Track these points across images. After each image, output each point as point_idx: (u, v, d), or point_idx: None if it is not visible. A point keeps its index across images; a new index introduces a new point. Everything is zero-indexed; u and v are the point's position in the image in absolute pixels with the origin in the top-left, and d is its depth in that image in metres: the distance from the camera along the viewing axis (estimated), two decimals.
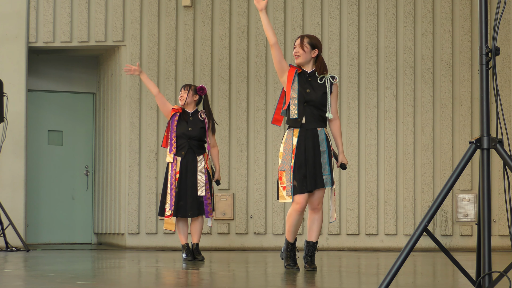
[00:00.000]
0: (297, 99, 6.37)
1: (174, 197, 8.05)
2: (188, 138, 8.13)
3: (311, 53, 6.46)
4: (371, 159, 10.87)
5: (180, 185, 8.08)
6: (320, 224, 6.47)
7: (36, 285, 5.09)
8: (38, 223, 12.08)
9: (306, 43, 6.44)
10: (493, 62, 3.88)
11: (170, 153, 8.14)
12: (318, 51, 6.47)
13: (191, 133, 8.13)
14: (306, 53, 6.44)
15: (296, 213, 6.35)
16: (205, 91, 8.27)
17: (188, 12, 11.19)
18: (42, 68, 12.32)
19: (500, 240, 10.60)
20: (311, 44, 6.45)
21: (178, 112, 8.20)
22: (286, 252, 6.57)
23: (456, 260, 3.94)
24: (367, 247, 10.79)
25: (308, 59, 6.46)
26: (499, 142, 3.87)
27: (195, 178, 8.10)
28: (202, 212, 8.11)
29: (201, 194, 8.08)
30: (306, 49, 6.43)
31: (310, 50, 6.45)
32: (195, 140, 8.15)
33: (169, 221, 8.10)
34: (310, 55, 6.46)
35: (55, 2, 11.32)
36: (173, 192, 8.07)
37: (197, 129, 8.15)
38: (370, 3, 10.98)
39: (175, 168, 8.11)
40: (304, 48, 6.43)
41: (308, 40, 6.46)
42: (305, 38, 6.47)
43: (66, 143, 12.41)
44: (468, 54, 10.86)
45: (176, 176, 8.08)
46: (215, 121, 8.36)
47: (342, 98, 10.95)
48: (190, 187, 8.10)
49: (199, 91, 8.25)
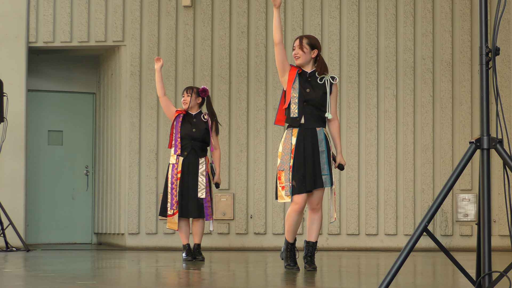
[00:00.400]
0: (298, 98, 6.38)
1: (175, 197, 8.06)
2: (192, 139, 8.14)
3: (310, 53, 6.46)
4: (371, 159, 10.87)
5: (182, 185, 8.09)
6: (320, 224, 6.48)
7: (36, 285, 5.09)
8: (38, 223, 12.09)
9: (305, 44, 6.45)
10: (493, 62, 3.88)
11: (175, 154, 8.14)
12: (318, 51, 6.48)
13: (195, 134, 8.13)
14: (306, 54, 6.45)
15: (295, 213, 6.35)
16: (207, 93, 8.27)
17: (188, 12, 11.19)
18: (42, 68, 12.32)
19: (500, 240, 10.60)
20: (310, 45, 6.46)
21: (181, 114, 8.21)
22: (285, 252, 6.57)
23: (456, 260, 3.94)
24: (367, 247, 10.79)
25: (308, 59, 6.47)
26: (499, 142, 3.87)
27: (196, 179, 8.11)
28: (202, 215, 8.11)
29: (201, 196, 8.08)
30: (306, 50, 6.44)
31: (310, 51, 6.46)
32: (199, 142, 8.15)
33: (172, 220, 8.10)
34: (310, 56, 6.47)
35: (55, 2, 11.32)
36: (174, 192, 8.07)
37: (201, 130, 8.16)
38: (370, 3, 10.98)
39: (176, 167, 8.12)
40: (303, 49, 6.44)
41: (307, 40, 6.46)
42: (304, 39, 6.47)
43: (66, 143, 12.41)
44: (468, 54, 10.86)
45: (178, 175, 8.09)
46: (218, 123, 8.37)
47: (342, 98, 10.95)
48: (191, 188, 8.10)
49: (201, 94, 8.24)
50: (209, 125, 8.19)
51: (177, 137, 8.15)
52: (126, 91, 11.21)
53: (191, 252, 8.19)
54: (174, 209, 8.05)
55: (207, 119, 8.21)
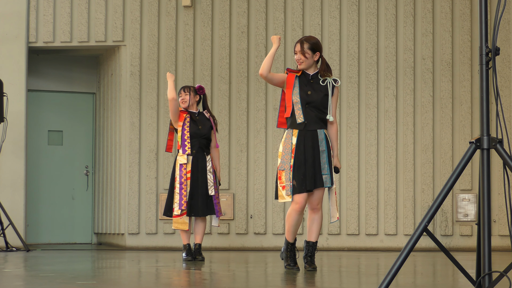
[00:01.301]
0: (300, 103, 6.40)
1: (184, 196, 8.07)
2: (199, 136, 8.19)
3: (313, 57, 6.48)
4: (371, 159, 10.87)
5: (192, 184, 8.11)
6: (320, 224, 6.48)
7: (36, 285, 5.09)
8: (38, 223, 12.08)
9: (307, 49, 6.45)
10: (493, 62, 3.88)
11: (184, 153, 8.16)
12: (320, 53, 6.49)
13: (202, 132, 8.21)
14: (308, 59, 6.47)
15: (296, 213, 6.36)
16: (204, 91, 8.35)
17: (188, 12, 11.19)
18: (42, 68, 12.32)
19: (500, 240, 10.60)
20: (311, 49, 6.47)
21: (187, 115, 8.25)
22: (286, 252, 6.57)
23: (456, 260, 3.94)
24: (367, 247, 10.78)
25: (311, 63, 6.50)
26: (499, 142, 3.87)
27: (205, 177, 8.16)
28: (212, 212, 8.16)
29: (211, 193, 8.15)
30: (308, 55, 6.45)
31: (312, 55, 6.47)
32: (205, 139, 8.22)
33: (179, 221, 8.11)
34: (312, 60, 6.49)
35: (55, 2, 11.32)
36: (183, 192, 8.07)
37: (206, 127, 8.25)
38: (370, 3, 10.98)
39: (185, 167, 8.14)
40: (305, 55, 6.45)
41: (308, 45, 6.45)
42: (305, 44, 6.46)
43: (66, 143, 12.41)
44: (468, 54, 10.86)
45: (188, 175, 8.11)
46: (216, 120, 8.47)
47: (342, 98, 10.95)
48: (201, 186, 8.14)
49: (199, 91, 8.33)
50: (212, 122, 8.26)
51: (185, 137, 8.19)
52: (126, 91, 11.21)
53: (191, 252, 8.20)
54: (182, 209, 8.06)
55: (209, 117, 8.29)
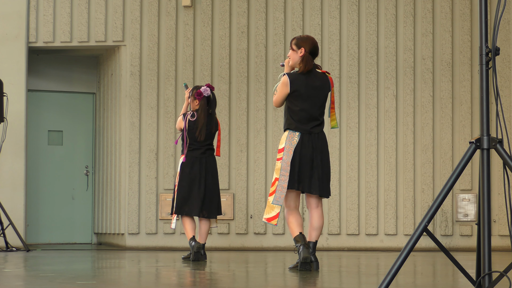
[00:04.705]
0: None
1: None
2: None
3: (298, 53, 6.49)
4: (371, 159, 10.86)
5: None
6: (321, 223, 6.46)
7: (36, 285, 5.09)
8: (38, 223, 12.08)
9: (293, 44, 6.51)
10: (493, 62, 3.88)
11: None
12: (304, 49, 6.46)
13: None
14: (294, 54, 6.48)
15: (292, 212, 6.40)
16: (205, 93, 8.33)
17: (188, 12, 11.19)
18: (42, 68, 12.32)
19: (500, 240, 10.60)
20: (296, 45, 6.50)
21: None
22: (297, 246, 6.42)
23: (456, 260, 3.94)
24: (367, 247, 10.78)
25: (297, 60, 6.50)
26: (499, 142, 3.87)
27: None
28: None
29: None
30: (292, 51, 6.49)
31: (297, 51, 6.48)
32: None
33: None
34: (298, 55, 6.49)
35: (55, 2, 11.32)
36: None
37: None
38: (370, 3, 10.98)
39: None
40: (291, 50, 6.50)
41: (294, 41, 6.53)
42: (292, 41, 6.55)
43: (66, 143, 12.41)
44: (468, 54, 10.86)
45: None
46: None
47: (342, 98, 10.95)
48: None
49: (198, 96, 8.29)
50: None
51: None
52: (126, 91, 11.21)
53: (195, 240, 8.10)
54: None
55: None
